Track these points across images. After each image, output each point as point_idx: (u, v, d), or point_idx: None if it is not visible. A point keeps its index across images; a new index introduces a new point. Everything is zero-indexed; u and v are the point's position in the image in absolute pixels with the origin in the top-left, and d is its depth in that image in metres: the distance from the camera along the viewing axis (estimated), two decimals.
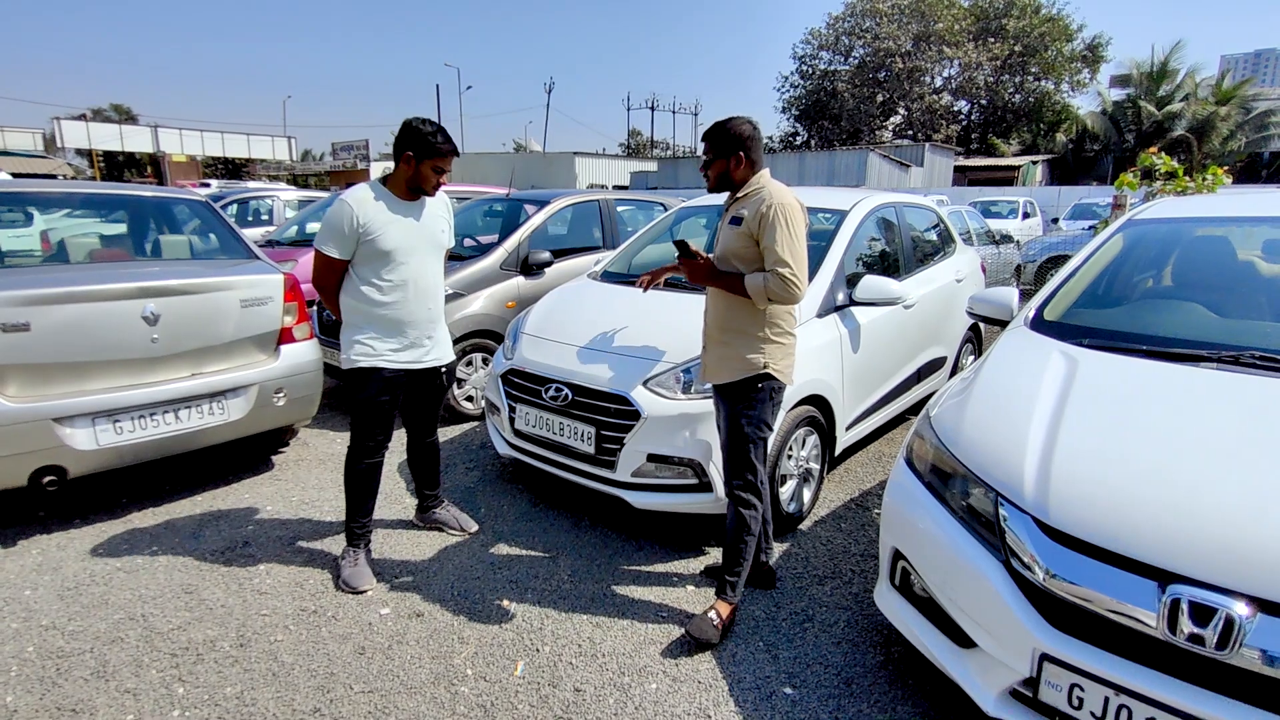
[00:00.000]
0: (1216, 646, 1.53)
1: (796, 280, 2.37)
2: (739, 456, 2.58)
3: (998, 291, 3.17)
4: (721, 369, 2.58)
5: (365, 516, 2.98)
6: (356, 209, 2.69)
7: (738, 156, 2.50)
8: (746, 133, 2.50)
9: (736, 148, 2.49)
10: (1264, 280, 2.86)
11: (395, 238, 2.76)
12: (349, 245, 2.73)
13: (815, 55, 43.77)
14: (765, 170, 2.56)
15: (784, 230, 2.38)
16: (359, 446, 2.91)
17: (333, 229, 2.71)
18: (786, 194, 2.45)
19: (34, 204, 4.90)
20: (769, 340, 2.52)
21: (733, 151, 2.50)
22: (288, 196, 10.92)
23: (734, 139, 2.49)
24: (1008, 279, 10.17)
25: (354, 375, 2.86)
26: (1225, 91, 31.12)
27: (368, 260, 2.76)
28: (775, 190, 2.46)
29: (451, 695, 2.30)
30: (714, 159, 2.53)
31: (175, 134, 38.42)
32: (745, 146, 2.49)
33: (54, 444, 3.10)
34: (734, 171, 2.52)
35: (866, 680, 2.38)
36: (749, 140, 2.50)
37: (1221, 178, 6.17)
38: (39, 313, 3.06)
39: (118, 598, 2.81)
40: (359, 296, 2.80)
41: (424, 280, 2.89)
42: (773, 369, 2.51)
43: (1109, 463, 1.88)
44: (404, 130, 2.75)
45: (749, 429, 2.54)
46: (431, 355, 3.00)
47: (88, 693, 2.29)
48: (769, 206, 2.40)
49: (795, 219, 2.41)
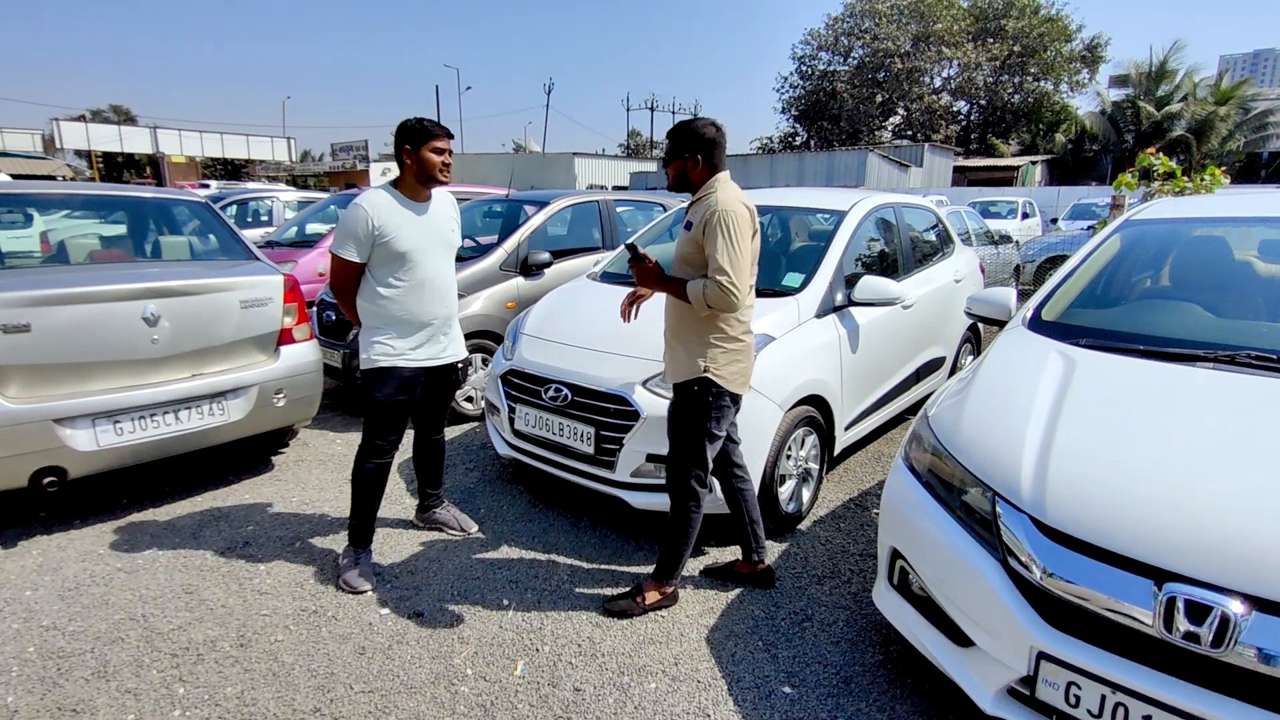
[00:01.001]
0: (1212, 644, 1.53)
1: (734, 289, 2.35)
2: (674, 455, 2.63)
3: (995, 292, 3.18)
4: (672, 370, 2.62)
5: (369, 517, 2.99)
6: (371, 212, 2.74)
7: (695, 159, 2.48)
8: (708, 135, 2.48)
9: (695, 149, 2.47)
10: (1261, 280, 2.87)
11: (410, 238, 2.80)
12: (366, 248, 2.77)
13: (814, 56, 43.84)
14: (723, 174, 2.53)
15: (724, 237, 2.35)
16: (369, 446, 2.92)
17: (349, 232, 2.75)
18: (734, 199, 2.42)
19: (34, 205, 4.91)
20: (711, 344, 2.50)
21: (691, 153, 2.48)
22: (287, 197, 10.93)
23: (693, 140, 2.47)
24: (1006, 279, 10.18)
25: (373, 375, 2.87)
26: (1224, 92, 31.16)
27: (384, 262, 2.80)
28: (723, 195, 2.43)
29: (451, 695, 2.31)
30: (672, 158, 2.53)
31: (174, 135, 38.42)
32: (704, 149, 2.47)
33: (54, 445, 3.11)
34: (690, 172, 2.51)
35: (865, 679, 2.39)
36: (709, 143, 2.47)
37: (1220, 178, 6.18)
38: (39, 314, 3.07)
39: (118, 598, 2.82)
40: (377, 298, 2.83)
41: (439, 279, 2.93)
42: (713, 373, 2.49)
43: (1106, 462, 1.89)
44: (398, 130, 2.83)
45: (685, 431, 2.57)
46: (448, 352, 3.04)
47: (88, 693, 2.29)
48: (713, 212, 2.38)
49: (739, 225, 2.38)
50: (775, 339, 3.25)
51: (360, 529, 2.99)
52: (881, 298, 3.60)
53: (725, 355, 2.52)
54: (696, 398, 2.53)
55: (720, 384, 2.51)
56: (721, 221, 2.36)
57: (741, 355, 2.57)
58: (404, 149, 2.80)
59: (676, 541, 2.69)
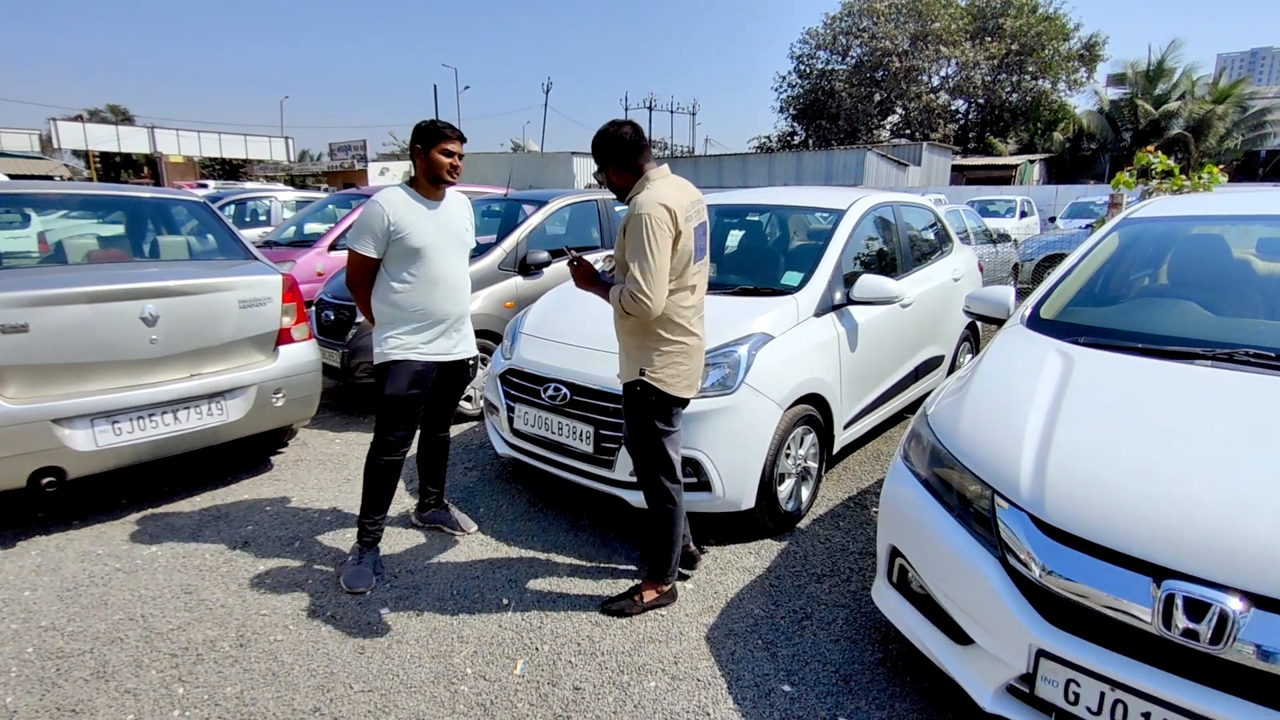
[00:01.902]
0: (1210, 641, 1.54)
1: (645, 297, 2.29)
2: (636, 458, 2.65)
3: (994, 290, 3.18)
4: (621, 371, 2.62)
5: (379, 514, 3.00)
6: (388, 208, 2.79)
7: (613, 166, 2.46)
8: (622, 136, 2.44)
9: (610, 156, 2.45)
10: (1258, 278, 2.87)
11: (424, 235, 2.84)
12: (382, 244, 2.81)
13: (813, 55, 43.80)
14: (652, 171, 2.45)
15: (639, 241, 2.29)
16: (381, 443, 2.93)
17: (366, 228, 2.79)
18: (653, 199, 2.33)
19: (31, 205, 4.90)
20: (647, 347, 2.48)
21: (608, 160, 2.46)
22: (285, 197, 10.91)
23: (605, 147, 2.45)
24: (1005, 278, 10.18)
25: (386, 370, 2.89)
26: (1222, 90, 31.19)
27: (399, 258, 2.84)
28: (645, 196, 2.36)
29: (451, 694, 2.31)
30: (600, 171, 2.53)
31: (172, 135, 38.39)
32: (617, 153, 2.43)
33: (53, 445, 3.11)
34: (616, 180, 2.49)
35: (865, 677, 2.39)
36: (620, 144, 2.43)
37: (1218, 176, 6.19)
38: (37, 314, 3.07)
39: (117, 598, 2.81)
40: (391, 293, 2.86)
41: (453, 276, 2.96)
42: (649, 376, 2.47)
43: (1104, 460, 1.89)
44: (413, 130, 2.90)
45: (634, 433, 2.59)
46: (460, 348, 3.07)
47: (87, 693, 2.29)
48: (630, 215, 2.35)
49: (654, 227, 2.28)
50: (774, 338, 3.25)
51: (370, 526, 3.00)
52: (880, 296, 3.60)
53: (662, 358, 2.48)
54: (640, 399, 2.52)
55: (659, 387, 2.49)
56: (638, 224, 2.31)
57: (681, 358, 2.51)
58: (416, 148, 2.87)
59: (662, 541, 2.69)
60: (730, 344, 3.14)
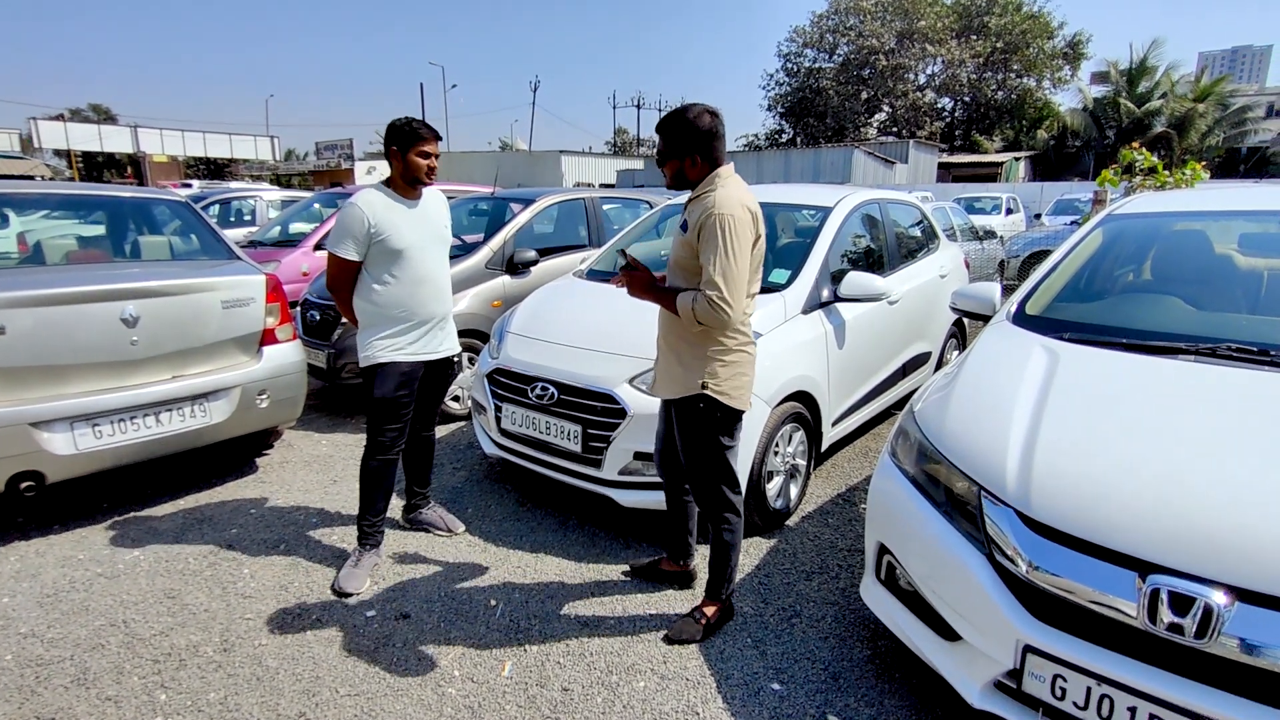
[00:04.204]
0: (1195, 635, 1.54)
1: (725, 306, 2.14)
2: (695, 474, 2.47)
3: (980, 287, 3.20)
4: (666, 383, 2.43)
5: (377, 515, 3.00)
6: (367, 210, 2.75)
7: (693, 157, 2.25)
8: (704, 126, 2.23)
9: (691, 146, 2.23)
10: (1240, 273, 2.90)
11: (405, 236, 2.82)
12: (363, 246, 2.78)
13: (800, 53, 43.91)
14: (725, 168, 2.29)
15: (720, 245, 2.13)
16: (374, 444, 2.92)
17: (347, 231, 2.76)
18: (735, 200, 2.18)
19: (10, 205, 4.81)
20: (709, 358, 2.31)
21: (688, 150, 2.25)
22: (270, 197, 10.82)
23: (689, 134, 2.23)
24: (991, 274, 10.24)
25: (373, 372, 2.87)
26: (1203, 88, 31.57)
27: (381, 260, 2.81)
28: (724, 195, 2.19)
29: (439, 696, 2.29)
30: (667, 156, 2.29)
31: (156, 134, 37.99)
32: (701, 143, 2.22)
33: (31, 449, 3.05)
34: (689, 171, 2.28)
35: (853, 675, 2.39)
36: (707, 134, 2.22)
37: (1200, 173, 6.26)
38: (14, 315, 3.01)
39: (98, 604, 2.77)
40: (373, 295, 2.84)
41: (435, 275, 2.95)
42: (712, 389, 2.30)
43: (1089, 455, 1.90)
44: (387, 130, 2.85)
45: (696, 448, 2.41)
46: (444, 346, 3.05)
47: (68, 700, 2.26)
48: (709, 215, 2.15)
49: (738, 231, 2.14)
50: (761, 335, 3.25)
51: (368, 527, 2.99)
52: (867, 294, 3.61)
53: (725, 369, 2.32)
54: (704, 415, 2.34)
55: (723, 400, 2.33)
56: (719, 226, 2.13)
57: (746, 367, 2.37)
58: (392, 150, 2.83)
59: (726, 556, 2.53)
60: None
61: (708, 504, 2.52)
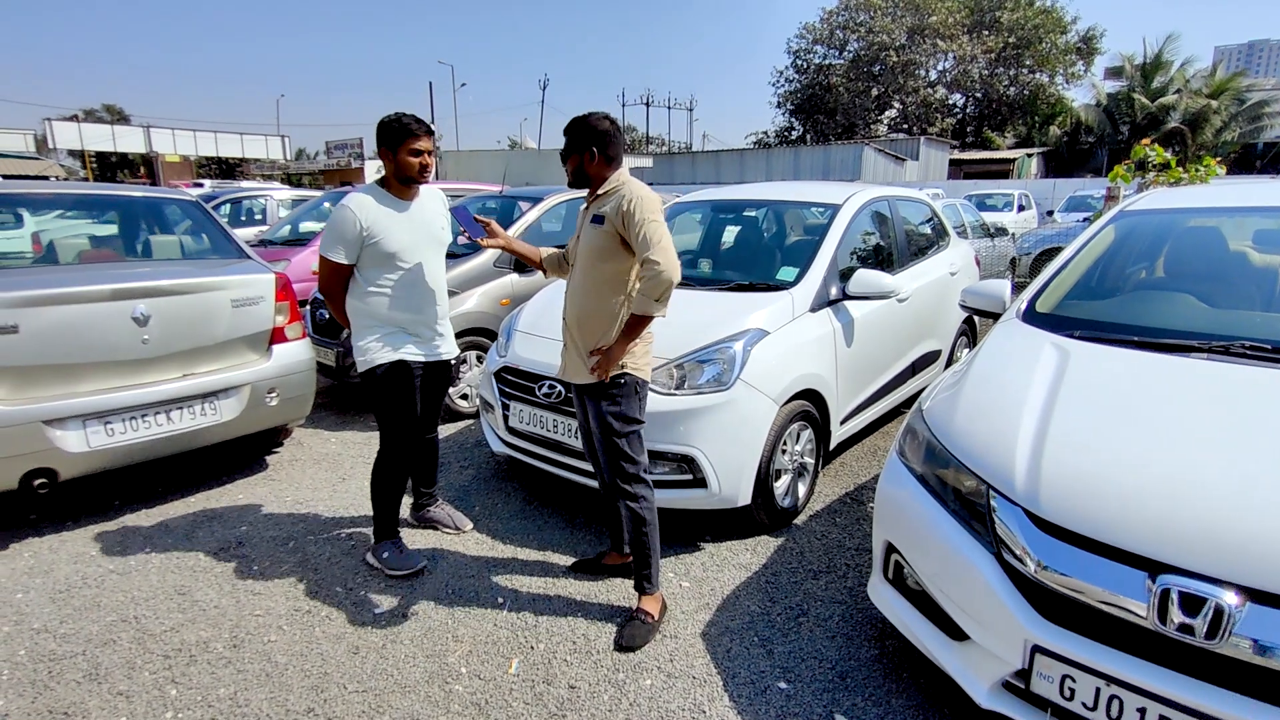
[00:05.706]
0: (1206, 636, 1.53)
1: (662, 264, 2.34)
2: (613, 453, 2.57)
3: (990, 284, 3.17)
4: (581, 369, 2.56)
5: (393, 512, 3.03)
6: (359, 213, 2.72)
7: (591, 152, 2.49)
8: (602, 128, 2.50)
9: (590, 143, 2.48)
10: (1255, 270, 2.86)
11: (399, 238, 2.78)
12: (355, 250, 2.75)
13: (810, 49, 43.75)
14: (624, 169, 2.56)
15: (647, 218, 2.38)
16: (386, 446, 2.94)
17: (338, 234, 2.73)
18: (645, 189, 2.49)
19: (25, 205, 4.89)
20: None
21: (586, 147, 2.49)
22: (281, 196, 10.89)
23: (588, 134, 2.49)
24: (1003, 272, 10.17)
25: (371, 376, 2.85)
26: (1219, 83, 31.18)
27: (374, 262, 2.78)
28: (634, 185, 2.48)
29: (446, 694, 2.30)
30: (569, 152, 2.54)
31: (168, 134, 38.25)
32: (599, 142, 2.49)
33: (45, 446, 3.09)
34: (588, 166, 2.51)
35: (861, 674, 2.38)
36: (604, 135, 2.49)
37: (1215, 168, 6.17)
38: (28, 314, 3.05)
39: (110, 600, 2.80)
40: (367, 299, 2.81)
41: (430, 277, 2.91)
42: (630, 367, 2.51)
43: (1099, 454, 1.88)
44: (376, 129, 2.81)
45: (617, 425, 2.54)
46: (442, 350, 3.03)
47: (80, 695, 2.28)
48: (629, 200, 2.41)
49: (655, 206, 2.43)
50: (770, 333, 3.24)
51: (385, 523, 3.02)
52: (876, 291, 3.58)
53: (642, 345, 2.53)
54: (621, 392, 2.51)
55: (639, 375, 2.53)
56: (639, 206, 2.39)
57: (648, 344, 2.60)
58: (384, 149, 2.79)
59: (654, 544, 2.61)
60: (726, 340, 3.13)
61: (627, 494, 2.60)
